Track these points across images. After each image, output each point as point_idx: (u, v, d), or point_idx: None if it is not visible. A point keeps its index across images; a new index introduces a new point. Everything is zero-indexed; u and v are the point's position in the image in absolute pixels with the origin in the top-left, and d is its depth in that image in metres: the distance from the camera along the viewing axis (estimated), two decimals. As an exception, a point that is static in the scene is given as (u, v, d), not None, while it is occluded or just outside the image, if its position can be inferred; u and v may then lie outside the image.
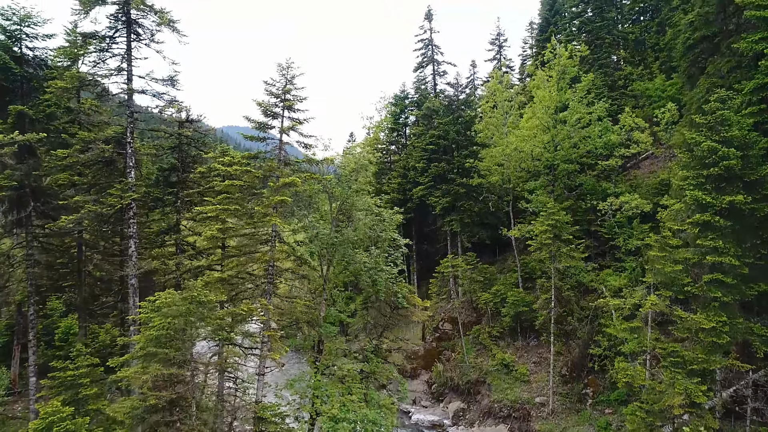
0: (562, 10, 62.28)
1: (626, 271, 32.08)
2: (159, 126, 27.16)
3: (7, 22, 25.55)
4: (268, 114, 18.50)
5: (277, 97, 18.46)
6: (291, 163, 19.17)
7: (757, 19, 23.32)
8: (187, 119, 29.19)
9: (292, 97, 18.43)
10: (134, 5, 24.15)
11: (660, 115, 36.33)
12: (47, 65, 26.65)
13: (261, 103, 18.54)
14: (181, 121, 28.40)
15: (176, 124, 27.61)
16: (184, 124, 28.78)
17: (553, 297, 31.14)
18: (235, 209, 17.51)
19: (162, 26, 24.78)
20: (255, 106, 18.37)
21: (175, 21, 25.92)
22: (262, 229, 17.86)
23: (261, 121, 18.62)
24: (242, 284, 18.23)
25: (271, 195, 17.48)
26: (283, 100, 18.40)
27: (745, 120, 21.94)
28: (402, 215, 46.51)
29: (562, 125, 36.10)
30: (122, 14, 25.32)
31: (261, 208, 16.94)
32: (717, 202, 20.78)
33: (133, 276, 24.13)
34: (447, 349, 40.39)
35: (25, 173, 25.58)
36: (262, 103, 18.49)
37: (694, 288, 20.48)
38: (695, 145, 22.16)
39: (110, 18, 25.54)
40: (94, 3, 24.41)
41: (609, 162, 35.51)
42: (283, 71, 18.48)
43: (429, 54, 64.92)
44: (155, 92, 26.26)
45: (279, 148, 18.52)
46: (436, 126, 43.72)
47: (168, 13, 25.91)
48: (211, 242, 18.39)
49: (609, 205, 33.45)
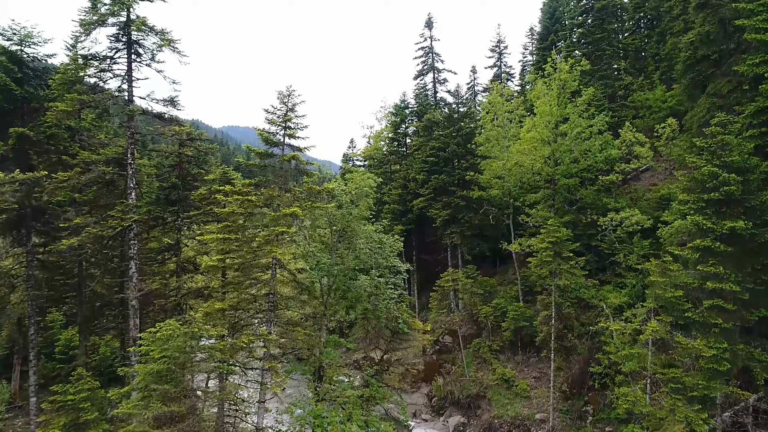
0: (562, 19, 62.35)
1: (627, 288, 32.08)
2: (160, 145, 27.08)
3: (7, 42, 25.59)
4: (269, 142, 18.52)
5: (278, 126, 18.48)
6: (292, 190, 19.18)
7: (757, 42, 23.33)
8: (188, 137, 29.23)
9: (294, 125, 18.46)
10: (135, 27, 24.16)
11: (660, 130, 36.29)
12: (48, 85, 26.66)
13: (262, 132, 18.56)
14: (182, 140, 28.42)
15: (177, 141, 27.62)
16: (185, 143, 28.82)
17: (554, 314, 31.14)
18: (236, 238, 17.52)
19: (163, 47, 24.79)
20: (258, 132, 18.39)
21: (176, 41, 25.96)
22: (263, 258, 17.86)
23: (262, 151, 18.64)
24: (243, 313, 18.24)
25: (272, 224, 17.49)
26: (284, 128, 18.42)
27: (746, 144, 21.93)
28: (402, 226, 46.96)
29: (563, 138, 36.10)
30: (123, 35, 25.36)
31: (262, 239, 16.96)
32: (718, 227, 20.78)
33: (134, 297, 24.15)
34: (447, 362, 40.42)
35: (25, 193, 25.64)
36: (262, 132, 18.52)
37: (694, 314, 20.48)
38: (696, 169, 22.18)
39: (111, 38, 25.58)
40: (95, 24, 24.43)
41: (609, 177, 35.51)
42: (284, 99, 18.50)
43: (429, 62, 65.00)
44: (156, 112, 26.32)
45: (280, 176, 18.52)
46: (436, 138, 43.73)
47: (169, 33, 25.97)
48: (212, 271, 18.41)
49: (609, 221, 33.45)
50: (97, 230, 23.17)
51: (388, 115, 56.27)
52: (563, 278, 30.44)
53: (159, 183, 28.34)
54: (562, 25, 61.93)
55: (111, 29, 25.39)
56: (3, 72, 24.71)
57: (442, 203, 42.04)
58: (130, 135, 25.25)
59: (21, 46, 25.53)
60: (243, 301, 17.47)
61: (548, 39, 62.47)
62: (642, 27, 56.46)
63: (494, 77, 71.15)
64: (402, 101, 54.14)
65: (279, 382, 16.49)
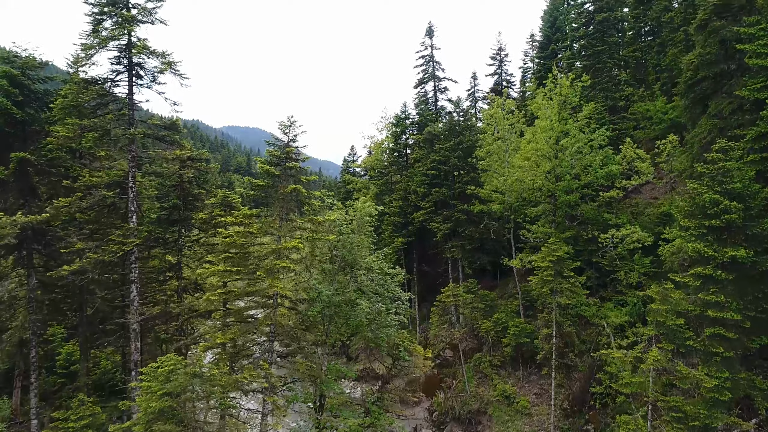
0: (563, 28, 62.32)
1: (627, 306, 32.08)
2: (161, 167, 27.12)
3: (7, 65, 25.59)
4: (270, 174, 18.55)
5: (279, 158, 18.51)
6: (293, 219, 19.19)
7: (758, 67, 23.31)
8: (189, 158, 29.25)
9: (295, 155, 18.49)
10: (136, 50, 24.17)
11: (661, 146, 36.28)
12: (49, 108, 26.68)
13: (263, 164, 18.62)
14: (183, 160, 28.44)
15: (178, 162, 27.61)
16: (186, 163, 28.85)
17: (555, 332, 31.17)
18: (237, 270, 17.53)
19: (164, 71, 24.81)
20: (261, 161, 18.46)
21: (177, 63, 26.00)
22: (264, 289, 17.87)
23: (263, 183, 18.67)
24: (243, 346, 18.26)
25: (273, 257, 17.51)
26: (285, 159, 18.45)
27: (747, 171, 21.89)
28: (403, 239, 46.97)
29: (563, 153, 36.07)
30: (124, 57, 25.37)
31: (263, 272, 16.98)
32: (719, 255, 20.78)
33: (136, 322, 24.17)
34: (448, 376, 40.43)
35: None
36: (263, 165, 18.58)
37: (696, 343, 20.49)
38: (697, 195, 22.17)
39: (112, 61, 25.60)
40: (96, 47, 24.45)
41: (610, 193, 35.50)
42: (286, 130, 18.53)
43: (430, 70, 65.00)
44: (157, 135, 26.34)
45: (281, 207, 18.54)
46: (437, 150, 43.73)
47: (170, 56, 26.01)
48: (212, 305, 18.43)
49: (610, 238, 33.44)
50: (98, 255, 23.20)
51: (388, 125, 56.30)
52: (564, 297, 30.46)
53: (160, 204, 28.33)
54: (562, 33, 61.91)
55: (112, 51, 25.47)
56: (4, 96, 24.71)
57: (443, 216, 42.05)
58: (131, 158, 25.29)
59: (23, 70, 25.52)
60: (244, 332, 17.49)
61: (549, 48, 62.49)
62: (642, 36, 56.38)
63: (495, 85, 71.12)
64: (403, 111, 54.17)
65: (281, 414, 16.51)
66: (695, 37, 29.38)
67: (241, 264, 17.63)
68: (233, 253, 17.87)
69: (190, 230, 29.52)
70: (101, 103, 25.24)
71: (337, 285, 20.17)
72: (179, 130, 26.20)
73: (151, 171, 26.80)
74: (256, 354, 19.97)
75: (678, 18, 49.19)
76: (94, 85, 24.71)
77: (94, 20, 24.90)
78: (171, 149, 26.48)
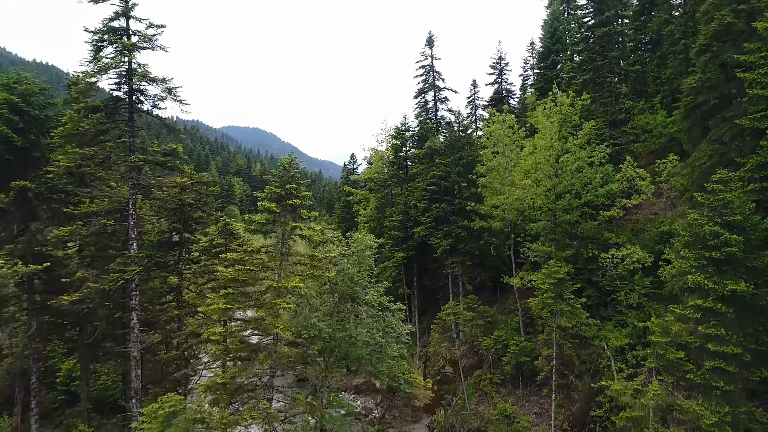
0: (563, 38, 62.31)
1: (628, 327, 32.07)
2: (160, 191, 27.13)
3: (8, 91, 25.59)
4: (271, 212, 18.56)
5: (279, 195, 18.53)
6: (293, 254, 19.21)
7: (758, 97, 23.31)
8: (190, 181, 29.26)
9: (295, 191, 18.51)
10: (137, 78, 24.17)
11: (661, 166, 36.30)
12: (49, 133, 26.69)
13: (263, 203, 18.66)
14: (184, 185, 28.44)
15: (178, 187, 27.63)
16: (187, 187, 28.86)
17: (555, 353, 31.18)
18: (237, 307, 17.56)
19: (165, 99, 24.82)
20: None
21: (177, 88, 26.04)
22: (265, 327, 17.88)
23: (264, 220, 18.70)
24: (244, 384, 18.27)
25: (273, 294, 17.53)
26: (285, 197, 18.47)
27: (747, 203, 21.90)
28: (403, 253, 46.93)
29: (563, 172, 36.07)
30: (124, 83, 25.38)
31: (263, 312, 17.00)
32: (719, 288, 20.79)
33: (136, 350, 24.18)
34: (448, 393, 40.43)
35: (26, 244, 25.71)
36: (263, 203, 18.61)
37: (696, 376, 20.50)
38: (697, 226, 22.17)
39: (112, 87, 25.62)
40: (97, 75, 24.45)
41: (610, 212, 35.50)
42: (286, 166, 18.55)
43: (430, 80, 65.12)
44: (157, 161, 26.34)
45: (281, 243, 18.56)
46: (437, 165, 43.71)
47: (170, 81, 26.05)
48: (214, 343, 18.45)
49: (610, 258, 33.43)
50: (99, 285, 23.20)
51: (388, 137, 56.31)
52: (565, 319, 30.46)
53: (159, 229, 28.34)
54: (563, 44, 61.91)
55: (113, 78, 25.49)
56: (4, 124, 24.72)
57: (443, 232, 42.02)
58: (132, 185, 25.30)
59: (23, 96, 25.53)
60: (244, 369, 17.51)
61: (549, 58, 62.44)
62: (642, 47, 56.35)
63: (495, 94, 71.13)
64: (403, 124, 54.16)
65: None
66: (696, 60, 29.37)
67: (241, 301, 17.66)
68: (233, 289, 17.89)
69: (191, 253, 29.51)
70: (102, 130, 25.22)
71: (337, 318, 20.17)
72: (179, 156, 26.17)
73: (151, 197, 26.77)
74: (256, 386, 19.99)
75: (678, 31, 49.22)
76: (95, 113, 24.68)
77: (95, 47, 24.94)
78: (172, 175, 26.49)
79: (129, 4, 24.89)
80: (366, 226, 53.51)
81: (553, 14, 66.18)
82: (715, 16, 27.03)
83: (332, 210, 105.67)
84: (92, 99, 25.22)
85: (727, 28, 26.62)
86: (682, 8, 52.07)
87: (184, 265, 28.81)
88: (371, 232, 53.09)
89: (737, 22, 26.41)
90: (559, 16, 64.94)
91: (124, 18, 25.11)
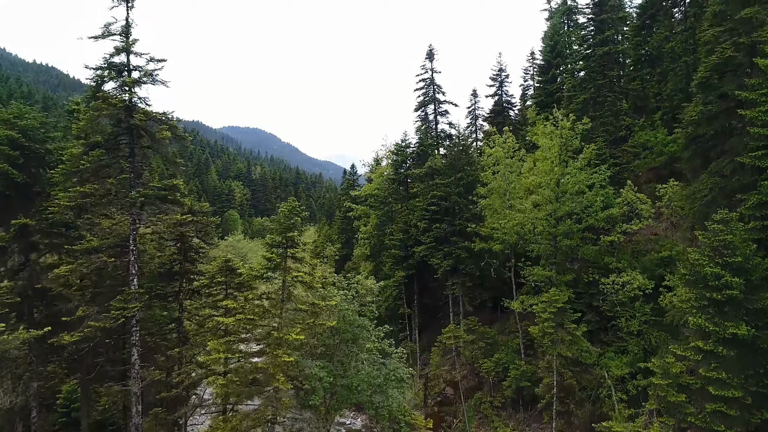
0: (563, 53, 62.30)
1: (628, 355, 32.09)
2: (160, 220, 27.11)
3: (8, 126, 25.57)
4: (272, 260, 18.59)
5: (280, 243, 18.54)
6: (295, 298, 19.22)
7: (759, 135, 23.30)
8: (190, 211, 29.23)
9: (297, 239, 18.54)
10: (137, 118, 24.15)
11: (661, 191, 36.30)
12: (50, 167, 26.67)
13: (265, 250, 18.67)
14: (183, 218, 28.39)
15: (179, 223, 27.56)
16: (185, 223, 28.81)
17: (555, 382, 31.20)
18: (238, 357, 17.57)
19: (166, 138, 24.80)
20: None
21: (177, 125, 26.07)
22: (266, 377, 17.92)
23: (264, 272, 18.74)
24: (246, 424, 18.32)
25: (274, 345, 17.54)
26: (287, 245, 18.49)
27: (748, 243, 21.89)
28: (404, 272, 46.93)
29: (563, 196, 36.08)
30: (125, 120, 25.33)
31: (265, 364, 17.01)
32: (720, 330, 20.79)
33: (137, 387, 24.16)
34: (449, 415, 40.43)
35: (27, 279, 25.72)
36: (267, 250, 18.62)
37: (697, 419, 20.51)
38: (699, 266, 22.17)
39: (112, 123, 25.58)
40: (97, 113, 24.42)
41: (611, 237, 35.51)
42: (288, 214, 18.56)
43: (430, 94, 65.08)
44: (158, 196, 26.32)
45: (283, 290, 18.57)
46: (437, 185, 43.73)
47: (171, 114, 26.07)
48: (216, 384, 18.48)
49: (611, 284, 33.45)
50: (99, 324, 23.17)
51: (389, 154, 56.31)
52: (565, 348, 30.48)
53: (160, 260, 28.33)
54: (563, 58, 61.89)
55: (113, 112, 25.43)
56: (4, 160, 24.69)
57: (444, 253, 42.04)
58: (132, 221, 25.27)
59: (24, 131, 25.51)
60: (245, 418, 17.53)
61: (549, 72, 62.46)
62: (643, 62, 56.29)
63: (495, 105, 71.02)
64: (403, 140, 54.18)
65: None
66: (695, 92, 29.37)
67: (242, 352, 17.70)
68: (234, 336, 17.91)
69: (191, 283, 29.48)
70: (102, 165, 25.18)
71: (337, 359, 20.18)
72: (180, 190, 26.16)
73: (152, 232, 26.78)
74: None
75: (679, 47, 49.23)
76: (95, 149, 24.65)
77: (96, 83, 24.94)
78: (172, 210, 26.52)
79: (129, 40, 24.87)
80: (366, 243, 53.51)
81: (553, 28, 66.17)
82: (716, 48, 27.01)
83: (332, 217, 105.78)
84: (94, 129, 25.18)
85: (727, 61, 26.61)
86: (682, 24, 52.13)
87: (185, 296, 28.79)
88: (371, 250, 53.18)
89: (738, 56, 26.40)
90: (560, 29, 64.91)
91: (125, 53, 25.10)
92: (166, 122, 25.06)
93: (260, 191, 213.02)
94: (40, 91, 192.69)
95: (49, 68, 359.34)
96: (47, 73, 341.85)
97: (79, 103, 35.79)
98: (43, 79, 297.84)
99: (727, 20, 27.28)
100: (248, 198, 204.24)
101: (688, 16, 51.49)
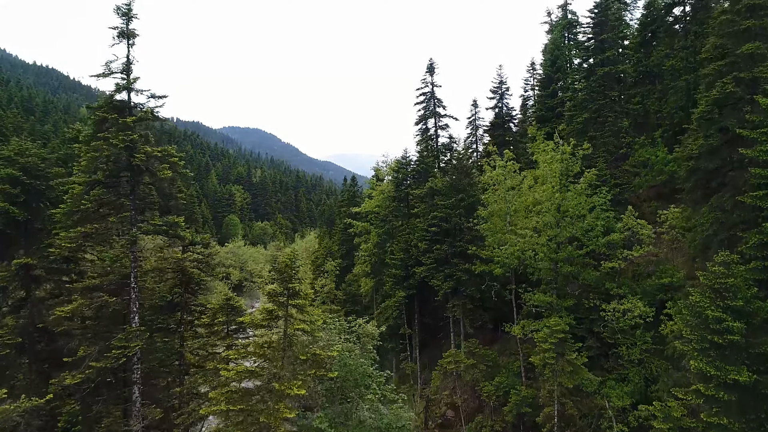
0: (563, 68, 62.30)
1: (629, 384, 32.08)
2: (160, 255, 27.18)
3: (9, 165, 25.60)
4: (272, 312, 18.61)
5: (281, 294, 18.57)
6: (296, 346, 19.24)
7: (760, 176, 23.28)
8: (191, 242, 29.29)
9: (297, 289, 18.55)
10: (138, 160, 24.16)
11: (662, 217, 36.32)
12: (51, 202, 26.71)
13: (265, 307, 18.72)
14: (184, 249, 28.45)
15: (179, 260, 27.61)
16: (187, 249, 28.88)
17: (556, 411, 31.23)
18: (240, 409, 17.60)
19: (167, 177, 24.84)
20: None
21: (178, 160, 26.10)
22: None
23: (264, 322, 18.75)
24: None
25: (275, 399, 17.56)
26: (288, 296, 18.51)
27: (750, 285, 21.87)
28: (404, 292, 46.93)
29: (564, 221, 36.09)
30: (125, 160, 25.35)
31: (265, 418, 17.03)
32: (721, 375, 20.80)
33: (138, 426, 24.19)
34: (449, 438, 40.51)
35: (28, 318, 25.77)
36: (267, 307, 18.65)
37: (698, 465, 20.54)
38: (700, 308, 22.17)
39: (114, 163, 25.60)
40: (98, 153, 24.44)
41: (612, 263, 35.50)
42: (288, 263, 18.58)
43: (431, 108, 65.09)
44: (158, 230, 26.37)
45: (284, 338, 18.59)
46: (438, 206, 43.73)
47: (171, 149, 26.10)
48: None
49: (612, 311, 33.44)
50: (100, 364, 23.21)
51: (389, 171, 56.34)
52: (566, 378, 30.49)
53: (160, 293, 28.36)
54: (563, 73, 61.87)
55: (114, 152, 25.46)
56: (5, 199, 24.73)
57: (444, 274, 42.01)
58: (134, 258, 25.31)
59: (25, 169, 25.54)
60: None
61: (550, 87, 62.44)
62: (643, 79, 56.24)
63: (495, 118, 70.97)
64: (404, 157, 54.18)
65: None
66: (696, 127, 29.37)
67: (242, 401, 17.71)
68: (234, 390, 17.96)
69: (192, 314, 29.52)
70: (103, 203, 25.21)
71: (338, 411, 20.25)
72: (180, 225, 26.18)
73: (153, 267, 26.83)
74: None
75: (679, 65, 49.18)
76: (96, 187, 24.68)
77: (97, 123, 24.99)
78: (173, 244, 26.54)
79: (131, 78, 24.92)
80: (367, 261, 53.51)
81: (553, 42, 66.17)
82: (716, 83, 27.00)
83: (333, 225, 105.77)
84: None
85: (728, 96, 26.60)
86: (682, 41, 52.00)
87: (186, 328, 28.84)
88: (372, 267, 53.18)
89: (738, 90, 26.40)
90: (560, 44, 64.89)
91: (126, 91, 25.17)
92: (167, 160, 25.08)
93: (260, 195, 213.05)
94: (40, 93, 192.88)
95: (50, 70, 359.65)
96: (47, 74, 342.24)
97: (80, 130, 35.88)
98: (44, 81, 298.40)
99: (728, 54, 27.26)
100: (248, 202, 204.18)
101: (689, 33, 51.41)
